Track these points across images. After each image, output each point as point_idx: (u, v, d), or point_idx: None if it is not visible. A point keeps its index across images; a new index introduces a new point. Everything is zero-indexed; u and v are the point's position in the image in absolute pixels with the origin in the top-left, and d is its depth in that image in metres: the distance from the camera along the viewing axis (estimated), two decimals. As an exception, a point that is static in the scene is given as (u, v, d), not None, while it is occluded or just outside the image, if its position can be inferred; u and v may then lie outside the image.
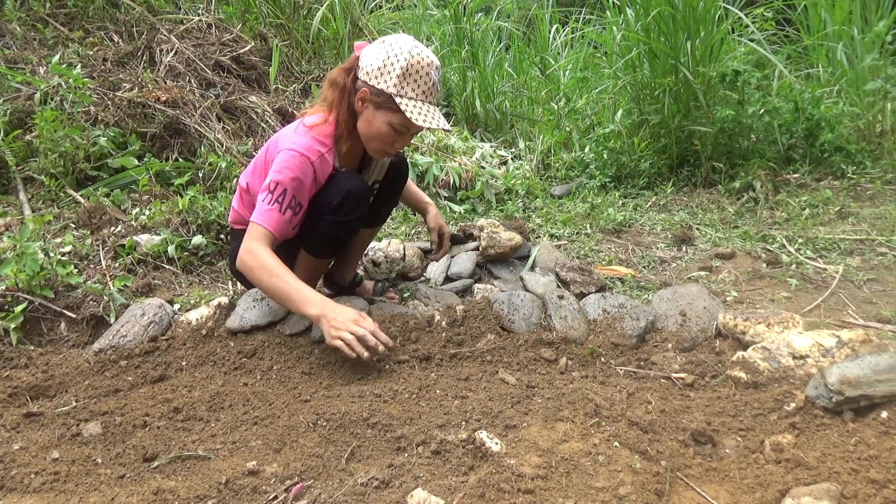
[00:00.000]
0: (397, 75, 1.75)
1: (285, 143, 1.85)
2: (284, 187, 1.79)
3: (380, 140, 1.85)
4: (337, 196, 1.88)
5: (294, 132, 1.89)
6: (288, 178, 1.79)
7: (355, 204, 1.90)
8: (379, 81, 1.77)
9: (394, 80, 1.75)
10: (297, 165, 1.80)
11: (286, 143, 1.85)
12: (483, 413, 1.51)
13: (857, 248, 2.44)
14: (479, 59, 4.98)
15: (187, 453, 1.42)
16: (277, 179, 1.79)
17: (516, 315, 1.97)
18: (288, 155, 1.81)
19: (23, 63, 3.56)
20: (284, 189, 1.79)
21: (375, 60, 1.77)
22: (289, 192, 1.79)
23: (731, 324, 1.80)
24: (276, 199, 1.78)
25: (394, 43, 1.78)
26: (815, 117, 3.15)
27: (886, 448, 1.28)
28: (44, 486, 1.30)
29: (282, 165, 1.80)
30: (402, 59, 1.75)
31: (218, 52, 4.04)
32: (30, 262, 2.06)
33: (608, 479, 1.24)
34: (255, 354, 1.85)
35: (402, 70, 1.75)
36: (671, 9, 3.26)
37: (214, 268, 2.63)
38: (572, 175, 3.87)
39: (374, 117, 1.82)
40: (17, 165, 3.01)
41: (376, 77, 1.77)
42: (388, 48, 1.77)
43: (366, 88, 1.79)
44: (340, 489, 1.25)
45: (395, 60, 1.75)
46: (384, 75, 1.76)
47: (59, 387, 1.74)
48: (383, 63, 1.76)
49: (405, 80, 1.75)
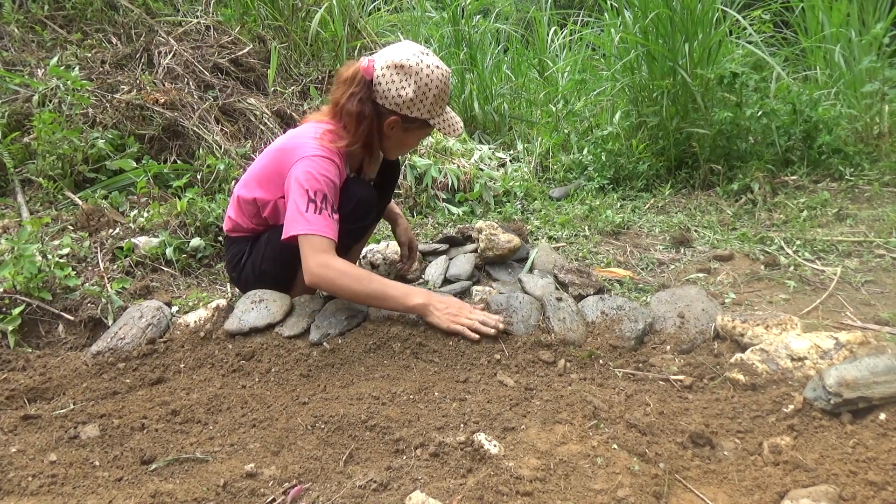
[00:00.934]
0: (430, 103, 1.84)
1: (308, 150, 1.85)
2: (325, 192, 1.80)
3: (406, 149, 2.02)
4: (348, 204, 1.91)
5: (311, 139, 1.89)
6: (326, 183, 1.81)
7: (365, 211, 1.95)
8: (412, 111, 1.85)
9: (427, 107, 1.85)
10: (330, 170, 1.83)
11: (309, 150, 1.85)
12: (481, 415, 1.51)
13: (855, 250, 2.45)
14: (478, 61, 4.98)
15: (185, 456, 1.41)
16: (316, 187, 1.79)
17: (514, 317, 1.96)
18: (319, 161, 1.83)
19: (21, 65, 3.56)
20: (325, 195, 1.80)
21: (404, 91, 1.82)
22: (329, 197, 1.81)
23: (729, 326, 1.80)
24: (320, 206, 1.79)
25: (419, 71, 1.81)
26: (813, 119, 3.16)
27: (885, 450, 1.28)
28: (41, 489, 1.29)
29: (317, 171, 1.81)
30: (433, 87, 1.83)
31: (216, 54, 4.04)
32: (28, 265, 2.06)
33: (607, 481, 1.24)
34: (253, 357, 1.84)
35: (434, 97, 1.84)
36: (669, 11, 3.26)
37: (213, 270, 2.63)
38: (571, 177, 3.87)
39: (404, 136, 1.93)
40: (16, 167, 3.01)
41: (409, 107, 1.84)
42: (416, 77, 1.81)
43: (396, 118, 1.86)
44: (339, 492, 1.25)
45: (426, 90, 1.83)
46: (416, 105, 1.84)
47: (56, 389, 1.74)
48: (415, 95, 1.82)
49: (436, 104, 1.86)
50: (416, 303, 1.79)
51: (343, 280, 1.77)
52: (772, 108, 3.14)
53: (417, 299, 1.80)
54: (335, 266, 1.76)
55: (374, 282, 1.79)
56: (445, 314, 1.78)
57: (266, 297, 2.02)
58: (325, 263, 1.76)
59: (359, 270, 1.78)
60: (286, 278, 2.07)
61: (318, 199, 1.78)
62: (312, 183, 1.79)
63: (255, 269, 2.06)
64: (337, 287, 1.79)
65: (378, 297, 1.80)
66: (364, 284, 1.77)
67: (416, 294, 1.81)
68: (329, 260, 1.76)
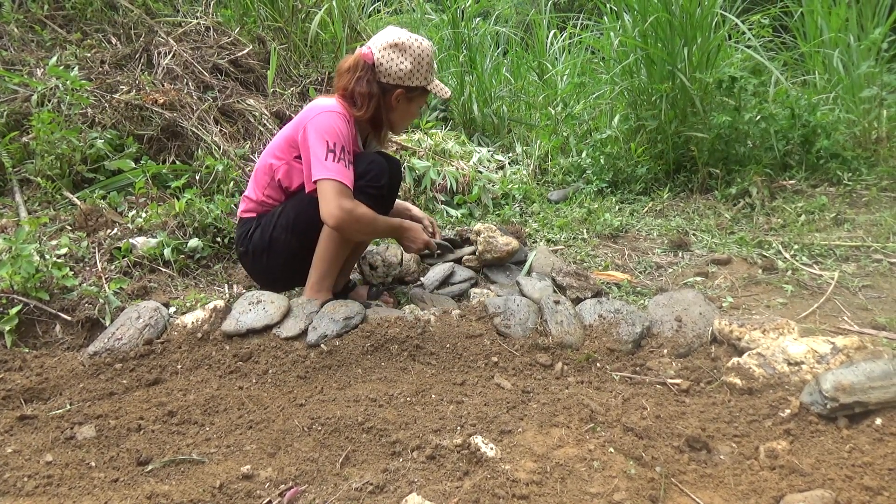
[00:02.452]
0: (425, 71, 2.08)
1: (325, 107, 2.03)
2: (342, 144, 1.96)
3: (409, 119, 2.21)
4: (362, 163, 2.07)
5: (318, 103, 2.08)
6: (340, 135, 1.97)
7: (379, 171, 2.10)
8: (413, 81, 2.07)
9: (423, 75, 2.08)
10: (344, 123, 2.01)
11: (326, 107, 2.03)
12: (478, 418, 1.51)
13: (852, 254, 2.45)
14: (477, 63, 4.98)
15: (181, 457, 1.41)
16: (334, 139, 1.95)
17: (512, 320, 1.97)
18: (332, 116, 2.00)
19: (20, 65, 3.55)
20: (342, 146, 1.96)
21: (403, 66, 2.04)
22: (346, 148, 1.98)
23: (726, 330, 1.81)
24: (339, 156, 1.94)
25: (411, 45, 2.04)
26: (812, 124, 3.16)
27: (880, 455, 1.28)
28: (37, 490, 1.29)
29: (330, 125, 1.97)
30: (426, 57, 2.06)
31: (216, 55, 4.04)
32: (25, 265, 2.05)
33: (603, 484, 1.24)
34: (250, 358, 1.84)
35: (428, 66, 2.08)
36: (668, 15, 3.27)
37: (210, 271, 2.62)
38: (569, 180, 3.87)
39: (409, 106, 2.14)
40: (14, 167, 3.00)
41: (409, 78, 2.06)
42: (411, 51, 2.04)
43: (401, 90, 2.07)
44: (335, 494, 1.25)
45: (420, 61, 2.06)
46: (415, 75, 2.06)
47: (53, 389, 1.74)
48: (413, 66, 2.05)
49: (430, 71, 2.10)
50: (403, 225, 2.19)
51: (361, 223, 1.97)
52: (770, 112, 3.15)
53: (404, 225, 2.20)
54: (356, 211, 1.94)
55: (380, 219, 2.08)
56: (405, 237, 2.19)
57: (264, 298, 2.02)
58: (347, 208, 1.92)
59: (371, 213, 2.01)
60: (297, 248, 2.12)
61: (337, 149, 1.94)
62: (331, 135, 1.95)
63: (265, 238, 2.13)
64: (354, 228, 1.98)
65: (384, 230, 2.18)
66: (375, 223, 2.05)
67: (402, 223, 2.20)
68: (349, 205, 1.93)
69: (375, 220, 2.05)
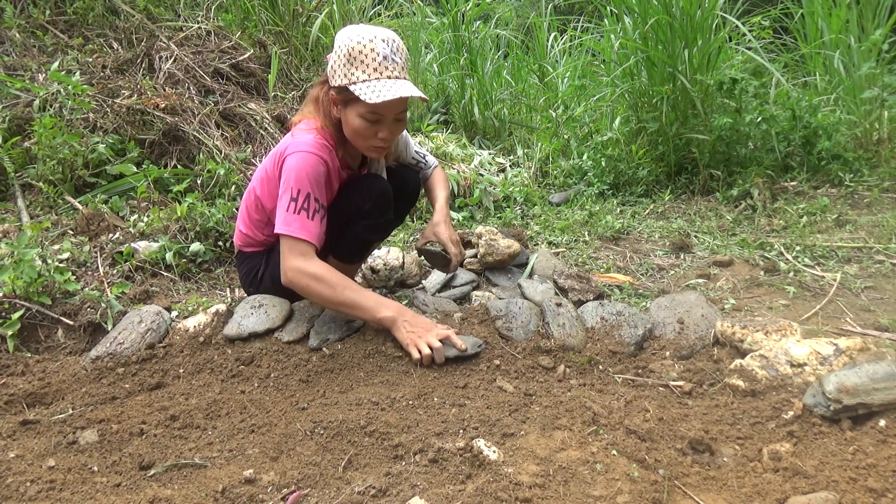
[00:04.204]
0: (343, 65, 1.74)
1: (294, 144, 1.83)
2: (308, 191, 1.77)
3: (362, 136, 1.82)
4: (369, 200, 1.90)
5: (295, 136, 1.88)
6: (308, 181, 1.77)
7: (386, 204, 1.93)
8: (335, 79, 1.77)
9: (343, 70, 1.74)
10: (313, 165, 1.78)
11: (292, 146, 1.83)
12: (481, 421, 1.50)
13: (854, 255, 2.45)
14: (478, 66, 4.99)
15: (184, 461, 1.41)
16: (298, 185, 1.76)
17: (514, 323, 1.96)
18: (301, 157, 1.79)
19: (22, 70, 3.57)
20: (308, 193, 1.77)
21: (330, 62, 1.79)
22: (312, 196, 1.78)
23: (728, 332, 1.80)
24: (301, 205, 1.76)
25: (337, 37, 1.78)
26: (813, 125, 3.16)
27: (884, 457, 1.28)
28: (39, 495, 1.29)
29: (297, 169, 1.77)
30: (343, 48, 1.74)
31: (217, 59, 4.05)
32: (27, 269, 2.06)
33: (606, 487, 1.23)
34: (252, 362, 1.84)
35: (346, 58, 1.73)
36: (669, 17, 3.27)
37: (212, 275, 2.63)
38: (570, 182, 3.88)
39: (348, 115, 1.80)
40: (16, 172, 3.01)
41: (332, 77, 1.78)
42: (335, 44, 1.77)
43: (332, 92, 1.80)
44: (337, 497, 1.25)
45: (339, 53, 1.75)
46: (336, 71, 1.76)
47: (55, 394, 1.74)
48: (334, 61, 1.77)
49: (351, 66, 1.72)
50: (384, 315, 1.77)
51: (316, 286, 1.75)
52: (771, 114, 3.15)
53: (387, 312, 1.77)
54: (309, 271, 1.74)
55: (347, 290, 1.76)
56: (410, 332, 1.75)
57: (265, 302, 2.02)
58: (299, 268, 1.75)
59: (334, 276, 1.76)
60: None
61: (301, 198, 1.76)
62: (297, 180, 1.77)
63: (275, 280, 1.93)
64: (309, 292, 1.78)
65: (350, 306, 1.78)
66: (337, 292, 1.75)
67: (387, 307, 1.78)
68: (305, 265, 1.75)
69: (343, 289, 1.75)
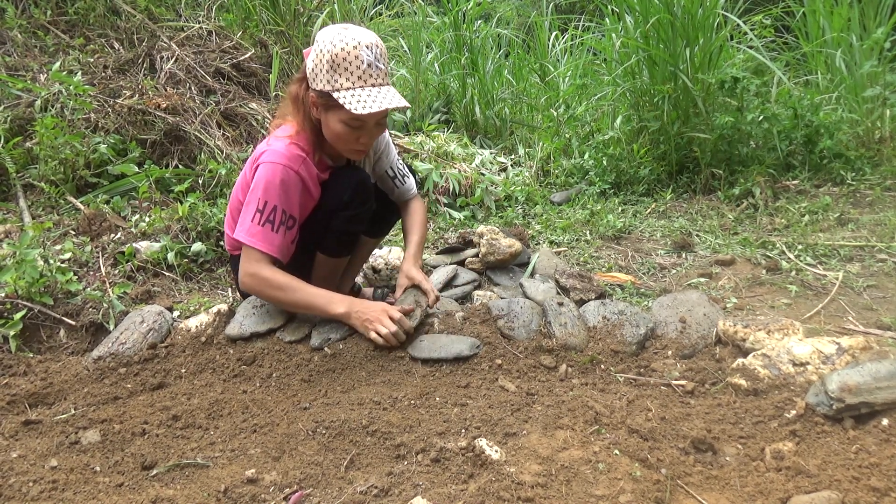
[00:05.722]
0: (326, 71, 1.69)
1: (264, 156, 1.81)
2: (274, 204, 1.78)
3: (343, 140, 1.80)
4: (346, 191, 1.89)
5: (269, 144, 1.85)
6: (275, 193, 1.77)
7: (364, 195, 1.93)
8: (317, 83, 1.72)
9: (325, 76, 1.70)
10: (281, 178, 1.77)
11: (265, 156, 1.81)
12: (483, 420, 1.50)
13: (856, 254, 2.44)
14: (479, 65, 4.99)
15: (186, 461, 1.41)
16: (265, 197, 1.77)
17: (516, 322, 1.96)
18: (270, 168, 1.77)
19: (23, 70, 3.57)
20: (275, 206, 1.78)
21: (311, 63, 1.73)
22: (279, 208, 1.78)
23: (730, 331, 1.80)
24: (266, 217, 1.78)
25: (319, 39, 1.72)
26: (814, 124, 3.16)
27: (887, 456, 1.27)
28: (42, 495, 1.29)
29: (266, 181, 1.77)
30: (326, 53, 1.68)
31: (218, 59, 4.05)
32: (29, 269, 2.06)
33: (608, 487, 1.23)
34: (254, 362, 1.84)
35: (329, 64, 1.68)
36: (670, 16, 3.27)
37: (214, 275, 2.63)
38: (572, 182, 3.87)
39: (329, 119, 1.77)
40: (18, 172, 3.01)
41: (313, 80, 1.73)
42: (316, 46, 1.72)
43: (313, 94, 1.76)
44: (339, 497, 1.25)
45: (322, 57, 1.69)
46: (318, 75, 1.71)
47: (57, 394, 1.74)
48: (315, 64, 1.72)
49: (334, 72, 1.68)
50: (337, 311, 1.82)
51: (269, 290, 1.82)
52: (773, 112, 3.14)
53: (339, 308, 1.81)
54: (262, 276, 1.80)
55: (298, 292, 1.82)
56: (365, 321, 1.80)
57: (267, 301, 2.02)
58: (254, 273, 1.80)
59: (285, 280, 1.80)
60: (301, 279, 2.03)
61: (267, 210, 1.77)
62: (266, 191, 1.77)
63: None
64: (264, 296, 1.88)
65: (304, 307, 1.86)
66: (289, 294, 1.82)
67: (339, 303, 1.82)
68: (258, 270, 1.80)
69: (294, 291, 1.80)
